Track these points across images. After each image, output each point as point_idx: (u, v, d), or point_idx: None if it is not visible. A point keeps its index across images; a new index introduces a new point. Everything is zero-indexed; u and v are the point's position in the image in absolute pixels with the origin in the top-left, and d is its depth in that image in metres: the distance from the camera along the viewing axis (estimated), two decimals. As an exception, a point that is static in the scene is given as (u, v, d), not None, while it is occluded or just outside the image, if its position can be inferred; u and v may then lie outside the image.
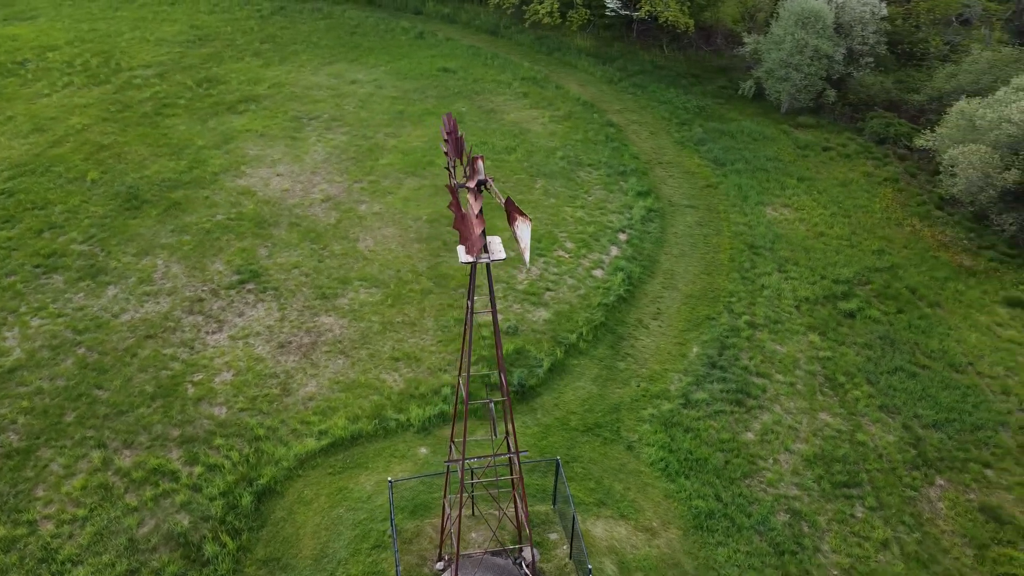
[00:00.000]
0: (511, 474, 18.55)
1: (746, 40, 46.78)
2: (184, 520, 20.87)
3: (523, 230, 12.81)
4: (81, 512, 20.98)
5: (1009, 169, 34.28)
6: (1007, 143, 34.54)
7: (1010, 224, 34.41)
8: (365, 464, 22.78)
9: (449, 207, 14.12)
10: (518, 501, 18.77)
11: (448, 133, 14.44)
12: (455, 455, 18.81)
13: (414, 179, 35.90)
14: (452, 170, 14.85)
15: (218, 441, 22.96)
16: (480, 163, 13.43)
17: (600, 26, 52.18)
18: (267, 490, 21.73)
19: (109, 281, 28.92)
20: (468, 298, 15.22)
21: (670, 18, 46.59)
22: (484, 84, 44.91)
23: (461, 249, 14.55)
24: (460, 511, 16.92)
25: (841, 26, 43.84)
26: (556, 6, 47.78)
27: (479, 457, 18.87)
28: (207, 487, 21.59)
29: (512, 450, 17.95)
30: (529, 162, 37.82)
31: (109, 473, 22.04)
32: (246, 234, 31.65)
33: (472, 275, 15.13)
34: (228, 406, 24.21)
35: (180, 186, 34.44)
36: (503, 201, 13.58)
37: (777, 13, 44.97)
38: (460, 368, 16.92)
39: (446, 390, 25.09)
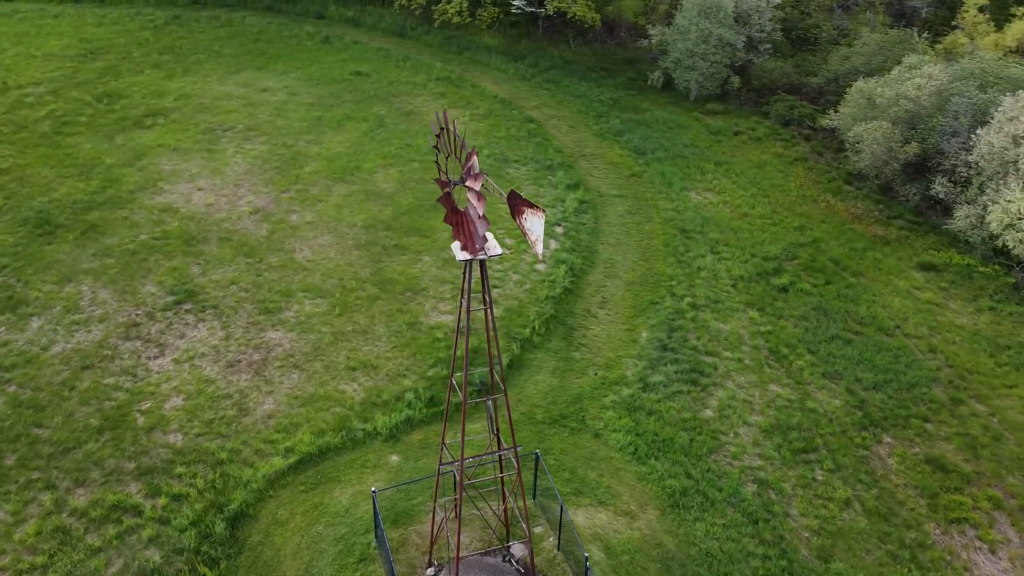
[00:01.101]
0: (500, 472, 18.52)
1: (651, 32, 48.07)
2: (155, 555, 19.84)
3: (535, 222, 12.82)
4: (40, 559, 19.64)
5: (909, 143, 36.59)
6: (905, 118, 36.85)
7: (913, 194, 36.72)
8: (337, 477, 22.25)
9: (439, 201, 13.97)
10: (508, 497, 18.77)
11: (441, 128, 14.29)
12: (447, 457, 18.64)
13: (343, 185, 35.21)
14: (444, 166, 14.69)
15: (179, 469, 21.93)
16: (475, 158, 13.35)
17: (506, 24, 52.49)
18: (240, 515, 20.93)
19: (32, 313, 27.13)
20: (463, 297, 15.11)
21: (578, 13, 47.35)
22: (400, 86, 44.44)
23: (456, 246, 14.43)
24: (459, 511, 16.77)
25: (740, 15, 45.65)
26: (465, 5, 47.78)
27: (477, 456, 18.69)
28: (175, 518, 20.60)
29: (506, 447, 17.94)
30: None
31: (64, 515, 20.71)
32: (175, 253, 30.29)
33: (468, 273, 15.03)
34: (184, 432, 23.15)
35: (95, 207, 32.62)
36: (503, 195, 13.56)
37: (680, 4, 46.43)
38: (452, 369, 16.77)
39: (409, 395, 24.78)
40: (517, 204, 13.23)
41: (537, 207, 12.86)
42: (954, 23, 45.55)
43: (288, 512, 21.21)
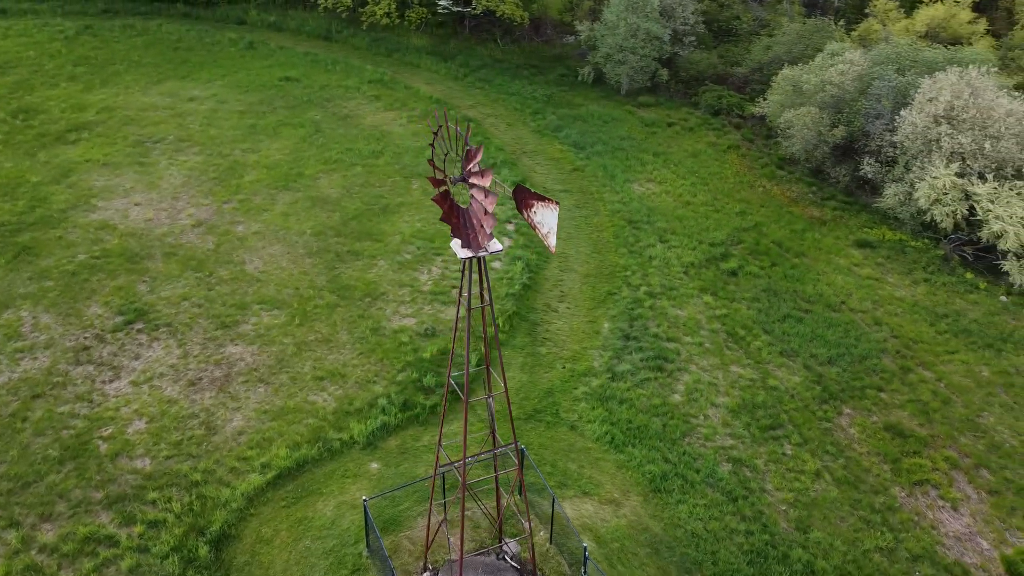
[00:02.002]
0: (495, 470, 18.50)
1: (579, 28, 48.70)
2: (137, 585, 19.04)
3: (546, 214, 12.84)
4: (12, 601, 18.59)
5: (836, 126, 38.15)
6: (831, 103, 38.41)
7: (843, 176, 38.32)
8: (318, 490, 21.79)
9: (434, 200, 13.87)
10: (503, 494, 18.77)
11: (439, 127, 14.18)
12: (446, 459, 18.49)
13: (287, 193, 34.43)
14: (443, 163, 14.57)
15: (152, 495, 21.06)
16: (479, 155, 13.30)
17: (433, 24, 52.27)
18: (222, 536, 20.25)
19: (-31, 343, 25.59)
20: (461, 293, 15.03)
21: (506, 12, 47.53)
22: (332, 90, 43.72)
23: (456, 243, 14.34)
24: (463, 510, 16.68)
25: (664, 9, 46.71)
26: (393, 6, 47.33)
27: (477, 455, 18.58)
28: (154, 545, 19.79)
29: (503, 444, 17.91)
30: (400, 164, 37.37)
31: (33, 552, 19.63)
32: (118, 271, 29.05)
33: (468, 270, 14.95)
34: (151, 456, 22.25)
35: (24, 228, 30.97)
36: (508, 190, 13.52)
37: (606, 0, 47.16)
38: (450, 369, 16.64)
39: (382, 401, 24.45)
40: (525, 198, 13.25)
41: (549, 199, 12.90)
42: (866, 11, 47.68)
43: (272, 529, 20.65)
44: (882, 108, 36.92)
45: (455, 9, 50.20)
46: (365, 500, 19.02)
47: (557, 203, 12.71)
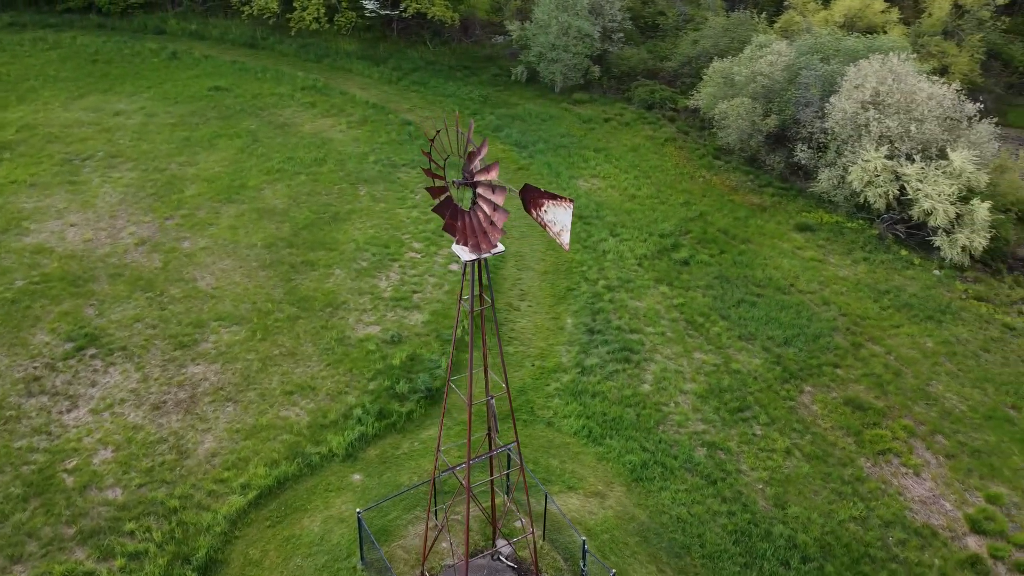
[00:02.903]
0: (491, 472, 18.50)
1: (509, 28, 48.95)
2: (125, 620, 18.29)
3: (558, 212, 12.91)
4: (-9, 649, 17.59)
5: (769, 116, 39.49)
6: (762, 93, 39.72)
7: (778, 163, 39.69)
8: (303, 506, 21.34)
9: (434, 210, 13.80)
10: (499, 494, 18.79)
11: (437, 131, 14.08)
12: (447, 464, 18.36)
13: (231, 206, 33.51)
14: (443, 170, 14.48)
15: (129, 526, 20.23)
16: (484, 151, 13.25)
17: (360, 28, 51.66)
18: (209, 562, 19.61)
19: (-94, 381, 24.04)
20: (462, 295, 14.97)
21: (437, 14, 47.37)
22: (265, 99, 42.75)
23: (464, 250, 14.26)
24: (468, 511, 16.63)
25: (593, 7, 47.41)
26: (323, 11, 46.56)
27: (479, 456, 18.46)
28: (139, 577, 19.05)
29: (502, 445, 17.93)
30: (344, 171, 36.85)
31: (6, 596, 18.64)
32: (62, 296, 27.75)
33: (473, 272, 14.88)
34: (123, 486, 21.37)
35: (-48, 257, 29.28)
36: (515, 190, 13.54)
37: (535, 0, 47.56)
38: (450, 373, 16.54)
39: (357, 411, 24.10)
40: (535, 197, 13.30)
41: (562, 198, 12.98)
42: (785, 3, 49.44)
43: (260, 551, 20.12)
44: (811, 96, 38.39)
45: (383, 12, 49.74)
46: (359, 512, 18.74)
47: (571, 201, 12.81)
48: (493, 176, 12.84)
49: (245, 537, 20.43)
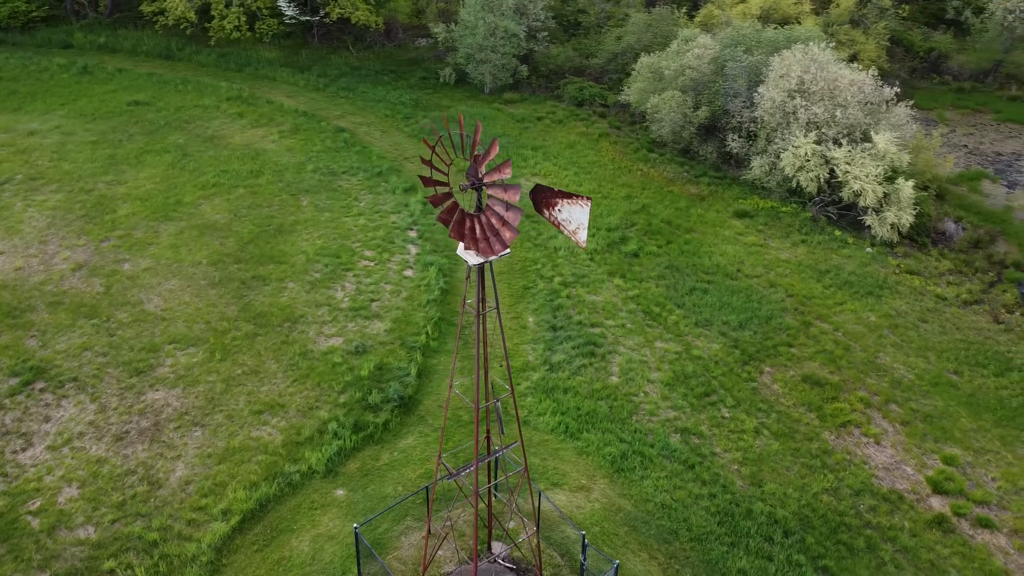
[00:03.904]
0: (490, 475, 18.44)
1: (434, 31, 48.73)
2: (117, 663, 17.40)
3: (573, 211, 12.94)
4: None
5: (699, 108, 40.58)
6: (692, 86, 40.80)
7: (711, 153, 40.83)
8: (289, 527, 20.77)
9: (439, 219, 13.67)
10: (498, 496, 18.75)
11: (439, 137, 13.92)
12: (447, 471, 18.14)
13: (169, 224, 32.26)
14: (447, 176, 14.33)
15: (108, 564, 19.26)
16: (494, 152, 13.17)
17: (280, 35, 50.49)
18: (199, 593, 18.90)
19: None
20: (465, 300, 14.87)
21: (362, 18, 46.73)
22: (189, 111, 41.29)
23: (471, 254, 14.15)
24: (476, 511, 16.52)
25: (518, 7, 47.67)
26: (243, 19, 45.26)
27: (484, 457, 18.29)
28: (126, 617, 18.17)
29: (502, 447, 17.87)
30: (283, 181, 35.97)
31: (-18, 651, 17.47)
32: (-1, 329, 26.19)
33: (481, 277, 14.78)
34: (94, 523, 20.32)
35: None
36: (529, 192, 13.52)
37: (461, 1, 47.46)
38: (452, 380, 16.38)
39: (332, 425, 23.59)
40: (547, 197, 13.30)
41: (579, 196, 13.00)
42: (701, -2, 50.88)
43: (250, 576, 19.50)
44: (738, 87, 39.64)
45: (303, 18, 48.75)
46: (357, 527, 18.37)
47: (589, 199, 12.87)
48: (507, 174, 12.78)
49: (234, 564, 19.74)
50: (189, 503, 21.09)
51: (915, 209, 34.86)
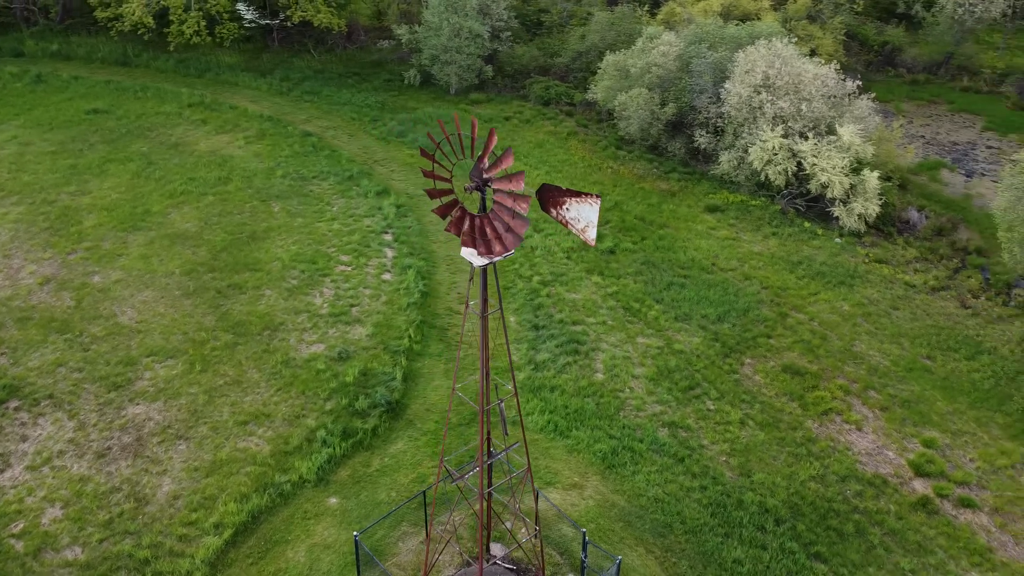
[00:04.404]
0: (487, 476, 18.35)
1: (398, 32, 48.40)
2: None
3: (581, 209, 12.93)
4: None
5: (666, 104, 40.95)
6: (658, 83, 41.15)
7: (679, 149, 41.23)
8: (283, 538, 20.45)
9: (448, 229, 13.57)
10: (499, 497, 18.69)
11: (439, 141, 13.79)
12: (452, 474, 18.01)
13: (138, 234, 31.53)
14: (450, 178, 14.21)
15: (99, 585, 18.77)
16: (494, 140, 13.09)
17: (239, 39, 49.66)
18: (196, 610, 18.51)
19: None
20: (469, 301, 14.78)
21: (324, 21, 46.22)
22: (151, 119, 40.41)
23: (471, 253, 14.07)
24: (481, 513, 16.46)
25: (481, 7, 47.59)
26: (203, 23, 44.42)
27: (491, 458, 18.17)
28: (122, 638, 17.70)
29: (502, 448, 17.82)
30: (253, 188, 35.41)
31: None
32: (-34, 347, 25.31)
33: (484, 278, 14.69)
34: (81, 543, 19.77)
35: None
36: (534, 192, 13.47)
37: (424, 3, 47.22)
38: (455, 381, 16.27)
39: (321, 433, 23.29)
40: (555, 196, 13.27)
41: (588, 194, 12.99)
42: (662, -4, 51.31)
43: (247, 590, 19.15)
44: (704, 83, 40.11)
45: (262, 22, 48.04)
46: (357, 535, 18.15)
47: (598, 196, 12.86)
48: (509, 163, 12.71)
49: (229, 579, 19.38)
50: (179, 518, 20.63)
51: (881, 199, 35.65)
